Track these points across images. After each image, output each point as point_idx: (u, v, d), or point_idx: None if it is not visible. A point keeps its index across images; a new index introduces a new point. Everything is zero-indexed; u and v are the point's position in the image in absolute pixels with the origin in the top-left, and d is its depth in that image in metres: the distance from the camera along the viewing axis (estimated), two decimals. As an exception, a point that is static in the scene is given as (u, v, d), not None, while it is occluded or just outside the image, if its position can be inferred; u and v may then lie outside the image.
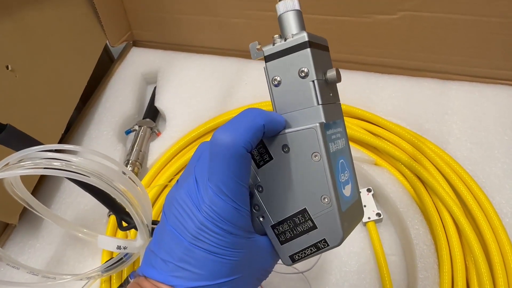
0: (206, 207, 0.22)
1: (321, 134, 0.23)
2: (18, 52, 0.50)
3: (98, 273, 0.42)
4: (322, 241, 0.24)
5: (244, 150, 0.22)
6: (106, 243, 0.39)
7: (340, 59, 0.60)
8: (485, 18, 0.49)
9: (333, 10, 0.55)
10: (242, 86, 0.61)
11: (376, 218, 0.46)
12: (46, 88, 0.53)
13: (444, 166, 0.46)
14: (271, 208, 0.25)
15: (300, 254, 0.25)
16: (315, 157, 0.23)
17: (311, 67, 0.23)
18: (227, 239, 0.23)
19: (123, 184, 0.34)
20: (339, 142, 0.25)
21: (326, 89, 0.24)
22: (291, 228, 0.24)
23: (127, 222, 0.39)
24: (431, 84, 0.56)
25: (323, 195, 0.23)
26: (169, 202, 0.25)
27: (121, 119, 0.61)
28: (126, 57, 0.70)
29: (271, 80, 0.25)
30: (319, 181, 0.23)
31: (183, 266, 0.23)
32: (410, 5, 0.51)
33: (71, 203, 0.52)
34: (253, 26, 0.61)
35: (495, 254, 0.39)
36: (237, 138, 0.22)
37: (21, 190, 0.37)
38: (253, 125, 0.22)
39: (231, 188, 0.22)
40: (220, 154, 0.22)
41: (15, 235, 0.50)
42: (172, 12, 0.66)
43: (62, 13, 0.57)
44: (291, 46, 0.24)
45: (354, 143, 0.51)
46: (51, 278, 0.41)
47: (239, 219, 0.23)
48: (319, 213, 0.23)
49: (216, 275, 0.23)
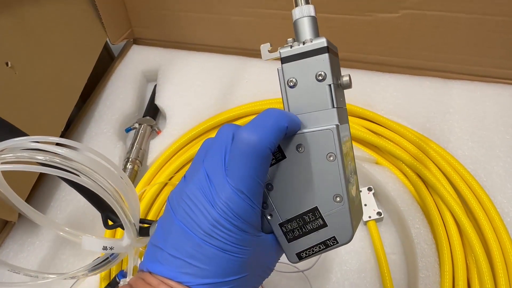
0: (222, 204, 0.22)
1: (337, 135, 0.24)
2: (18, 49, 0.50)
3: (84, 272, 0.40)
4: (332, 239, 0.25)
5: (269, 151, 0.23)
6: (91, 244, 0.36)
7: (341, 57, 0.59)
8: (488, 16, 0.49)
9: (335, 8, 0.55)
10: (243, 84, 0.61)
11: (377, 217, 0.46)
12: (46, 85, 0.53)
13: (445, 165, 0.45)
14: (280, 206, 0.25)
15: (307, 251, 0.25)
16: (330, 158, 0.24)
17: (329, 71, 0.24)
18: (238, 236, 0.23)
19: (111, 180, 0.32)
20: (348, 144, 0.26)
21: (339, 94, 0.26)
22: (300, 226, 0.25)
23: (113, 221, 0.37)
24: (433, 83, 0.56)
25: (336, 194, 0.24)
26: (178, 197, 0.24)
27: (121, 117, 0.61)
28: (126, 55, 0.70)
29: (287, 82, 0.25)
30: (332, 180, 0.24)
31: (192, 262, 0.23)
32: (412, 4, 0.51)
33: (71, 200, 0.52)
34: (254, 24, 0.61)
35: (496, 253, 0.39)
36: (263, 138, 0.22)
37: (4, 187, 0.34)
38: (278, 126, 0.23)
39: (251, 187, 0.23)
40: (245, 152, 0.22)
41: (14, 232, 0.50)
42: (173, 9, 0.65)
43: (62, 10, 0.57)
44: (310, 50, 0.25)
45: (355, 142, 0.51)
46: (33, 276, 0.40)
47: (252, 218, 0.23)
48: (330, 211, 0.24)
49: (225, 272, 0.23)
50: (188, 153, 0.53)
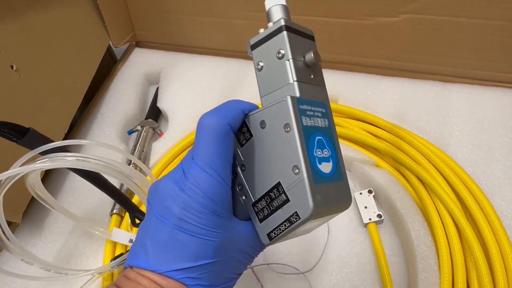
0: (190, 184, 0.23)
1: (291, 105, 0.23)
2: (22, 52, 0.50)
3: (109, 268, 0.42)
4: (294, 214, 0.23)
5: (228, 126, 0.24)
6: (119, 236, 0.42)
7: (342, 60, 0.60)
8: (487, 20, 0.50)
9: (336, 12, 0.55)
10: (244, 88, 0.61)
11: (377, 219, 0.46)
12: (50, 87, 0.54)
13: (445, 168, 0.46)
14: (252, 185, 0.25)
15: (276, 231, 0.24)
16: (287, 129, 0.24)
17: (287, 47, 0.25)
18: (209, 218, 0.23)
19: (139, 180, 0.36)
20: (319, 120, 0.25)
21: (305, 71, 0.26)
22: (268, 204, 0.24)
23: (140, 220, 0.41)
24: (433, 87, 0.56)
25: (294, 165, 0.23)
26: (153, 191, 0.25)
27: (123, 119, 0.61)
28: (129, 58, 0.71)
29: (256, 66, 0.26)
30: (290, 151, 0.23)
31: (167, 250, 0.23)
32: (412, 8, 0.52)
33: (74, 202, 0.52)
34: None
35: (496, 256, 0.39)
36: (221, 117, 0.24)
37: (42, 190, 0.39)
38: (235, 106, 0.26)
39: (216, 163, 0.24)
40: (205, 131, 0.24)
41: (18, 233, 0.50)
42: (175, 13, 0.66)
43: (66, 14, 0.58)
44: (270, 32, 0.26)
45: (355, 145, 0.52)
46: (63, 273, 0.42)
47: (222, 195, 0.24)
48: (291, 185, 0.23)
49: (199, 256, 0.23)
50: (190, 155, 0.53)
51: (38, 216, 0.51)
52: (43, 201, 0.40)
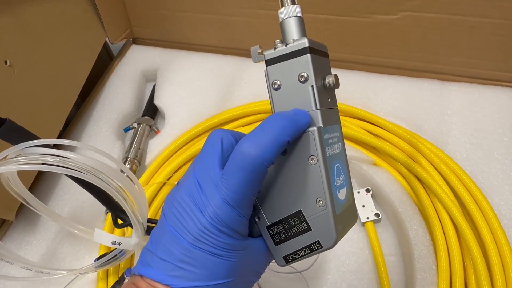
0: (211, 212, 0.23)
1: (318, 138, 0.23)
2: (16, 47, 0.49)
3: (92, 269, 0.41)
4: (316, 243, 0.24)
5: (265, 167, 0.22)
6: (102, 238, 0.39)
7: (340, 58, 0.60)
8: (486, 19, 0.49)
9: (334, 10, 0.55)
10: (242, 85, 0.61)
11: (374, 218, 0.46)
12: (45, 84, 0.53)
13: (443, 167, 0.46)
14: (267, 209, 0.25)
15: (294, 255, 0.25)
16: (311, 160, 0.23)
17: (311, 72, 0.24)
18: (225, 241, 0.23)
19: (120, 181, 0.34)
20: (336, 146, 0.26)
21: (324, 94, 0.25)
22: (286, 229, 0.25)
23: (123, 220, 0.39)
24: (431, 85, 0.56)
25: (319, 198, 0.24)
26: (169, 203, 0.25)
27: (120, 116, 0.61)
28: (125, 54, 0.70)
29: (271, 84, 0.25)
30: (315, 184, 0.24)
31: (181, 265, 0.23)
32: (410, 6, 0.51)
33: (68, 199, 0.52)
34: (254, 25, 0.61)
35: (494, 255, 0.39)
36: (262, 154, 0.22)
37: (18, 185, 0.37)
38: (280, 142, 0.22)
39: (241, 200, 0.23)
40: (242, 166, 0.22)
41: (11, 231, 0.50)
42: (173, 10, 0.65)
43: (62, 9, 0.57)
44: (292, 51, 0.24)
45: (353, 143, 0.51)
46: (45, 273, 0.41)
47: (239, 227, 0.23)
48: (314, 215, 0.24)
49: (212, 275, 0.23)
50: (187, 153, 0.53)
51: (32, 213, 0.51)
52: (20, 197, 0.38)
